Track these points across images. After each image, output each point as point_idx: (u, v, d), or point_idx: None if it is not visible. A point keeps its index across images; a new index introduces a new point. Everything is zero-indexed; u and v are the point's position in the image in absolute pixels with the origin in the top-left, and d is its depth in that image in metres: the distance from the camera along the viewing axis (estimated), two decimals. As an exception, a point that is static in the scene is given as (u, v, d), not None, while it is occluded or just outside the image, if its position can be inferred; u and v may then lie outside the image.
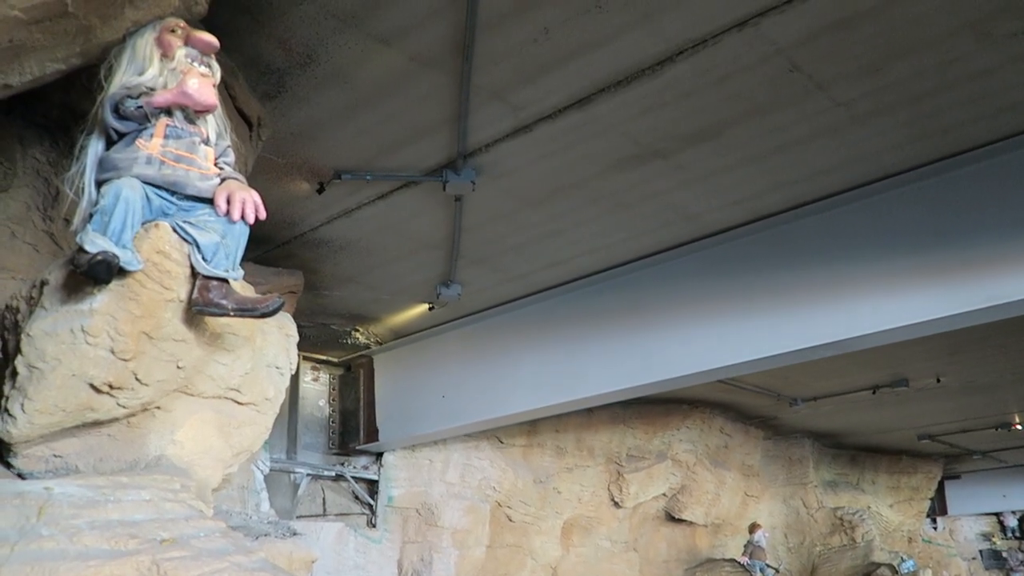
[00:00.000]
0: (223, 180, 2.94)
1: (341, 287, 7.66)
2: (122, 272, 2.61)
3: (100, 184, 2.80)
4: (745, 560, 12.43)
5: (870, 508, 14.26)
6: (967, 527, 17.66)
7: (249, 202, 2.87)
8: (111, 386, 2.62)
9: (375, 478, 9.39)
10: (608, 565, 11.59)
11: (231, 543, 2.43)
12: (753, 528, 12.45)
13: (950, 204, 5.34)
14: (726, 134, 5.15)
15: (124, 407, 2.69)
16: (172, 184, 2.82)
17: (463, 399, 8.16)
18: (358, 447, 9.25)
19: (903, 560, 12.78)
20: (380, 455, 9.43)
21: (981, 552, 17.54)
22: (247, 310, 2.82)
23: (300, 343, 3.70)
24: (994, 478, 16.23)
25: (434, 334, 8.58)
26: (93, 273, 2.53)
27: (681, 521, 12.50)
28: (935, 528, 16.77)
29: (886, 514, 14.70)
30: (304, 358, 9.34)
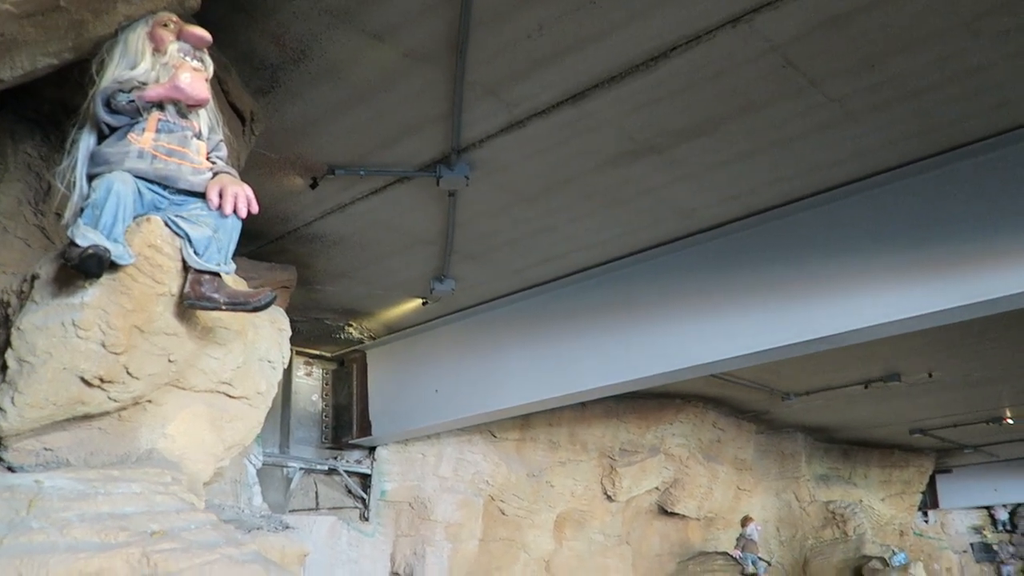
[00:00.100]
0: (215, 174, 2.95)
1: (334, 282, 7.65)
2: (113, 266, 2.62)
3: (91, 178, 2.80)
4: (737, 553, 12.49)
5: (862, 502, 14.32)
6: (958, 520, 17.76)
7: (241, 196, 2.87)
8: (102, 380, 2.62)
9: (368, 472, 9.39)
10: (601, 559, 11.63)
11: (222, 536, 2.44)
12: (745, 521, 12.50)
13: (944, 200, 5.35)
14: (721, 130, 5.15)
15: (115, 401, 2.69)
16: (164, 178, 2.82)
17: (456, 393, 8.16)
18: (351, 441, 9.25)
19: (894, 553, 12.82)
20: (373, 449, 9.44)
21: (972, 545, 17.64)
22: (239, 304, 2.82)
23: (293, 338, 3.71)
24: (985, 472, 16.28)
25: (427, 329, 8.58)
26: (84, 267, 2.53)
27: (674, 515, 12.54)
28: (926, 521, 16.85)
29: (878, 508, 14.77)
30: (297, 353, 9.34)
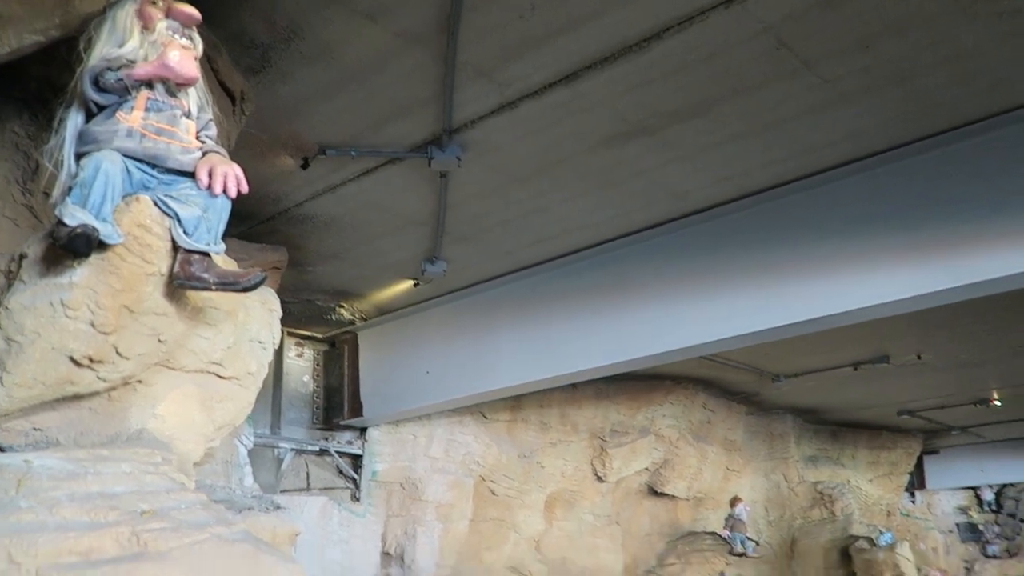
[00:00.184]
0: (205, 154, 2.93)
1: (326, 263, 7.63)
2: (102, 246, 2.60)
3: (79, 157, 2.78)
4: (726, 533, 12.60)
5: (850, 482, 14.42)
6: (945, 501, 17.89)
7: (231, 176, 2.85)
8: (91, 360, 2.61)
9: (359, 453, 9.41)
10: (591, 538, 11.71)
11: (212, 515, 2.44)
12: (734, 502, 12.60)
13: (936, 182, 5.35)
14: (714, 111, 5.13)
15: (105, 381, 2.69)
16: (153, 157, 2.80)
17: (447, 375, 8.17)
18: (342, 422, 9.26)
19: (881, 533, 12.94)
20: (364, 430, 9.45)
21: (958, 525, 17.79)
22: (229, 284, 2.81)
23: (284, 319, 3.69)
24: (972, 453, 16.38)
25: (419, 310, 8.57)
26: (73, 246, 2.51)
27: (663, 495, 12.61)
28: (913, 502, 16.97)
29: (865, 488, 14.88)
30: (288, 334, 9.33)
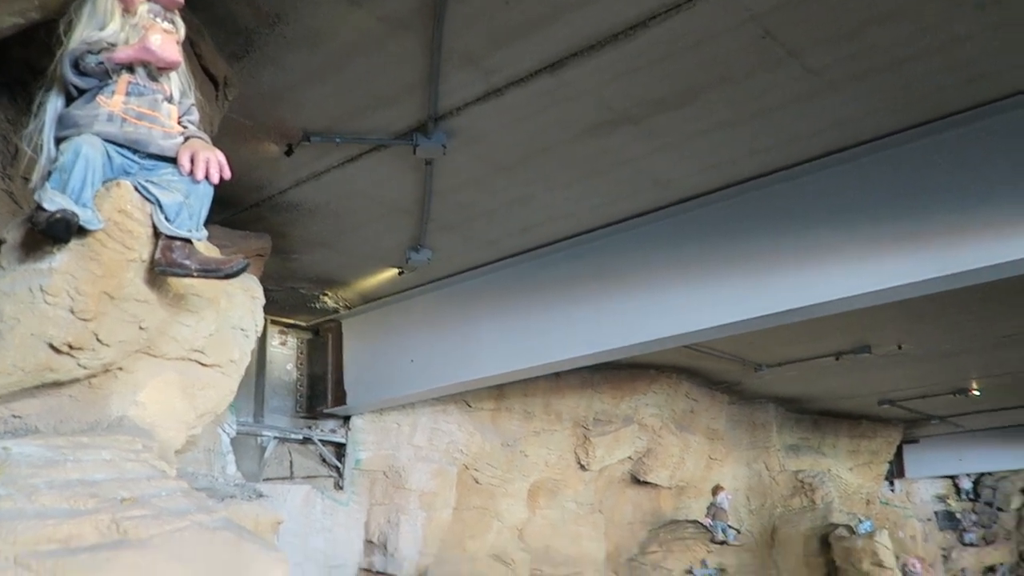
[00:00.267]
0: (187, 139, 2.90)
1: (310, 251, 7.59)
2: (82, 231, 2.57)
3: (59, 141, 2.75)
4: (708, 521, 12.70)
5: (830, 471, 14.55)
6: (923, 489, 18.11)
7: (213, 162, 2.83)
8: (71, 346, 2.59)
9: (343, 441, 9.40)
10: (574, 527, 11.76)
11: (193, 502, 2.43)
12: (716, 490, 12.69)
13: (920, 172, 5.36)
14: (699, 100, 5.13)
15: (85, 368, 2.66)
16: (134, 142, 2.78)
17: (431, 363, 8.16)
18: (326, 411, 9.24)
19: (861, 521, 13.07)
20: (348, 419, 9.44)
21: (936, 513, 18.02)
22: (211, 271, 2.79)
23: (268, 307, 3.68)
24: (951, 442, 16.57)
25: (403, 299, 8.55)
26: (52, 231, 2.49)
27: (646, 484, 12.68)
28: (893, 490, 17.15)
29: (846, 477, 15.02)
30: (272, 322, 9.29)
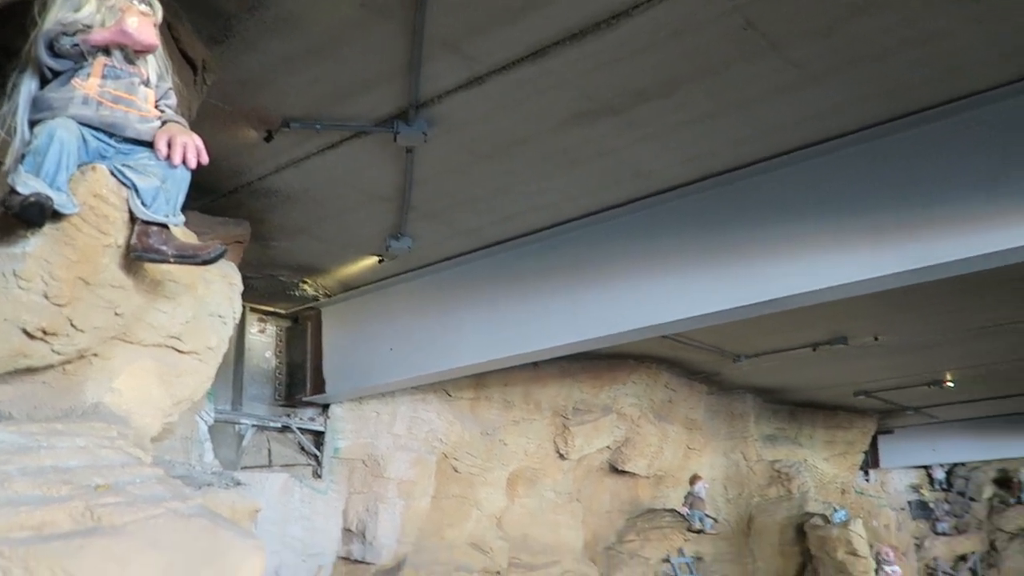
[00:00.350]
0: (164, 123, 2.87)
1: (289, 238, 7.54)
2: (56, 215, 2.54)
3: (33, 124, 2.71)
4: (685, 510, 12.80)
5: (806, 461, 14.72)
6: (897, 479, 18.36)
7: (191, 146, 2.81)
8: (45, 332, 2.56)
9: (321, 430, 9.38)
10: (552, 515, 11.82)
11: (168, 490, 2.41)
12: (694, 480, 12.78)
13: (898, 164, 5.40)
14: (680, 91, 5.14)
15: (59, 354, 2.64)
16: (110, 126, 2.74)
17: (411, 352, 8.15)
18: (305, 399, 9.21)
19: (836, 510, 13.24)
20: (327, 407, 9.41)
21: (910, 503, 18.28)
22: (188, 257, 2.77)
23: (247, 294, 3.65)
24: (925, 433, 16.79)
25: (383, 287, 8.52)
26: (26, 215, 2.46)
27: (624, 473, 12.76)
28: (867, 480, 17.36)
29: (821, 467, 15.19)
30: (251, 309, 9.23)
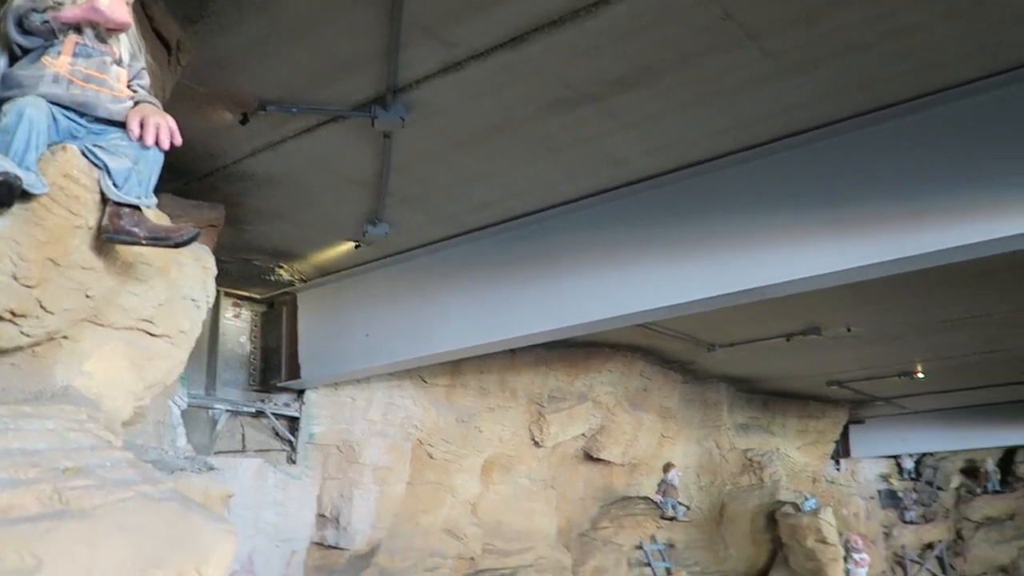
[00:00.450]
0: (136, 103, 2.84)
1: (265, 222, 7.49)
2: (26, 195, 2.50)
3: (2, 102, 2.66)
4: (658, 498, 12.91)
5: (779, 450, 14.88)
6: (867, 469, 18.60)
7: (164, 127, 2.77)
8: (13, 313, 2.52)
9: (296, 415, 9.34)
10: (527, 502, 11.87)
11: (138, 473, 2.39)
12: (667, 468, 12.89)
13: (873, 157, 5.45)
14: (658, 80, 5.15)
15: (28, 336, 2.60)
16: (81, 105, 2.70)
17: (388, 338, 8.13)
18: (280, 384, 9.17)
19: (806, 499, 13.39)
20: (302, 392, 9.38)
21: (879, 492, 18.54)
22: (160, 239, 2.74)
23: (222, 279, 3.62)
24: (895, 423, 17.03)
25: (360, 272, 8.49)
26: (-6, 195, 2.42)
27: (599, 460, 12.84)
28: (838, 469, 17.58)
29: (793, 456, 15.38)
30: (225, 294, 9.16)
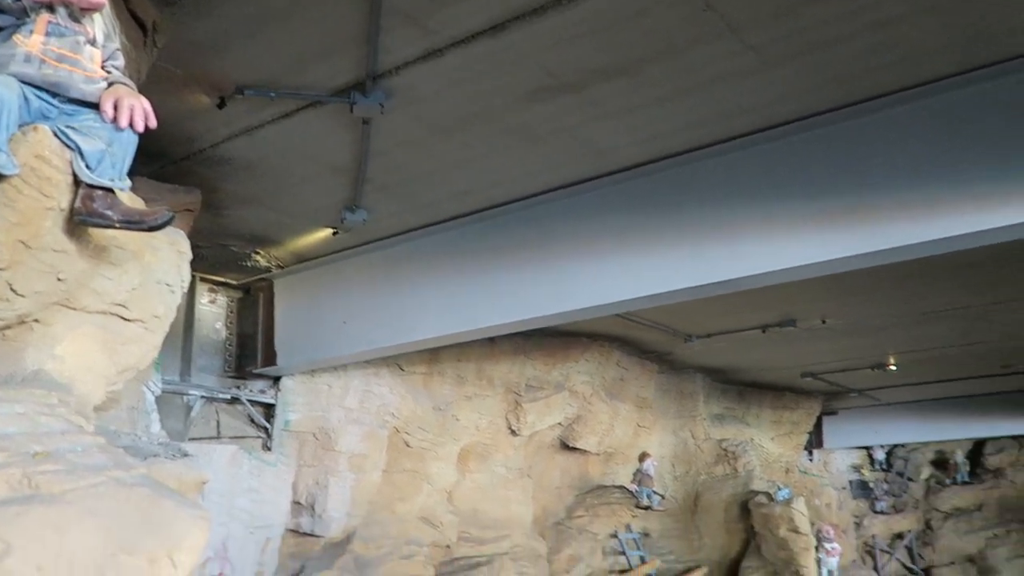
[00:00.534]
0: (110, 84, 2.79)
1: (242, 207, 7.42)
2: (-4, 176, 2.46)
3: (-28, 81, 2.61)
4: (634, 487, 13.01)
5: (753, 440, 15.03)
6: (840, 459, 18.84)
7: (138, 109, 2.73)
8: (-17, 296, 2.49)
9: (272, 402, 9.29)
10: (503, 490, 11.90)
11: (110, 459, 2.37)
12: (643, 457, 12.98)
13: (852, 150, 5.48)
14: (639, 71, 5.14)
15: (-2, 319, 2.57)
16: (54, 85, 2.66)
17: (365, 325, 8.10)
18: (255, 371, 9.11)
19: (779, 489, 13.55)
20: (278, 379, 9.33)
21: (851, 483, 18.79)
22: (134, 222, 2.71)
23: (198, 264, 3.59)
24: (867, 415, 17.23)
25: (338, 259, 8.44)
26: (-37, 176, 2.38)
27: (575, 449, 12.90)
28: (811, 460, 17.79)
29: (767, 446, 15.54)
30: (201, 279, 9.08)
